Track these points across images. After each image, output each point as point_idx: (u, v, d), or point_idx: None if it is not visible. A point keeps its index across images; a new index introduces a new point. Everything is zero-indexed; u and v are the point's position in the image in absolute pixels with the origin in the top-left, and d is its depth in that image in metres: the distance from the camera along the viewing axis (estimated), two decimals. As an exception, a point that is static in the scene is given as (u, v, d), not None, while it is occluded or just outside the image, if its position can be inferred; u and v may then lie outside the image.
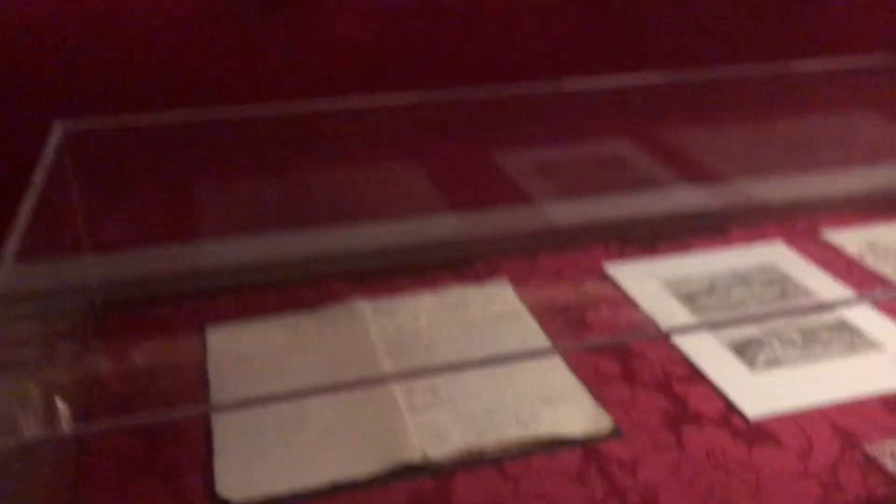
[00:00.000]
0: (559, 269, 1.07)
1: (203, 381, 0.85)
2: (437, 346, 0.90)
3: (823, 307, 0.99)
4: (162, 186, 0.96)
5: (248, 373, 0.86)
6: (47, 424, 0.71)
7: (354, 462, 0.74)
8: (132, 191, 0.95)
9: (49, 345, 0.81)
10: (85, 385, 0.84)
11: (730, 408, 0.82)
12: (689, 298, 1.00)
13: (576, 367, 0.87)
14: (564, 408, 0.80)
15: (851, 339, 0.92)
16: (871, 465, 0.75)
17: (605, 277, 1.05)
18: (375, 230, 1.07)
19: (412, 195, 1.08)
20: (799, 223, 1.18)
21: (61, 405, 0.74)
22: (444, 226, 1.10)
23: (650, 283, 1.03)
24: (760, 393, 0.84)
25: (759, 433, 0.79)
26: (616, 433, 0.78)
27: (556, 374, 0.85)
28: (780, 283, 1.03)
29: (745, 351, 0.90)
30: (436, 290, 1.01)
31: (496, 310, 0.97)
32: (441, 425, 0.78)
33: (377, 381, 0.85)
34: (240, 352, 0.89)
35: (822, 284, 1.03)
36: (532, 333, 0.92)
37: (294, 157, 1.00)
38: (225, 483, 0.71)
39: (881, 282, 1.04)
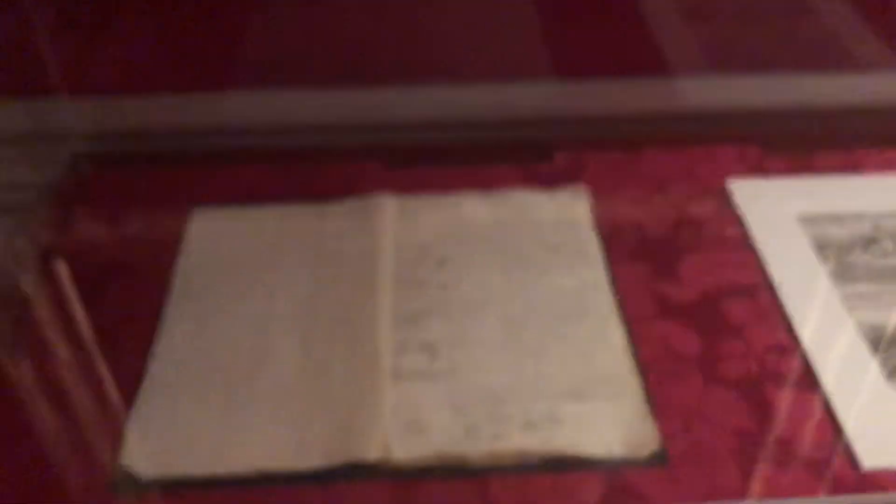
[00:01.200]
0: (666, 177, 0.80)
1: (166, 279, 0.69)
2: (462, 276, 0.69)
3: None
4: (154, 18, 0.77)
5: (221, 278, 0.69)
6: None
7: (299, 448, 0.56)
8: (112, 24, 0.76)
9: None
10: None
11: (838, 443, 0.57)
12: (836, 249, 0.71)
13: (639, 343, 0.64)
14: (598, 408, 0.58)
15: None
16: None
17: (725, 199, 0.77)
18: (428, 95, 0.83)
19: (484, 48, 0.83)
20: None
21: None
22: (523, 98, 0.84)
23: (785, 219, 0.75)
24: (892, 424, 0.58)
25: (872, 486, 0.54)
26: (658, 459, 0.56)
27: (606, 351, 0.63)
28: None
29: (889, 348, 0.63)
30: (490, 189, 0.78)
31: (556, 232, 0.73)
32: (424, 409, 0.58)
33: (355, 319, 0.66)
34: (222, 246, 0.72)
35: None
36: (593, 278, 0.69)
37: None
38: (135, 451, 0.57)
39: None
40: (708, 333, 0.65)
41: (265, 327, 0.65)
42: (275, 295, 0.67)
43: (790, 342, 0.64)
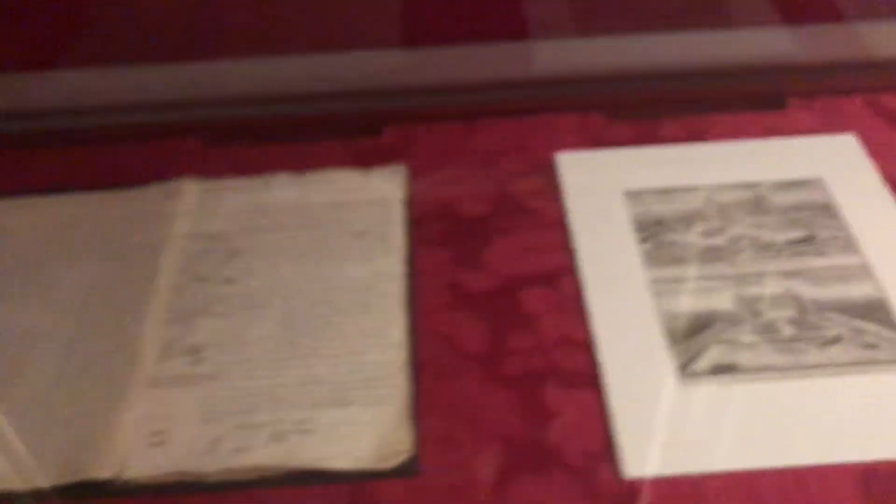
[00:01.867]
0: (497, 151, 0.75)
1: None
2: (252, 268, 0.65)
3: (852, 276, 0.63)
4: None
5: None
6: None
7: (38, 466, 0.53)
8: None
9: None
10: None
11: (607, 448, 0.53)
12: (658, 228, 0.67)
13: (421, 339, 0.59)
14: (356, 414, 0.55)
15: (878, 341, 0.58)
16: None
17: (552, 174, 0.72)
18: (249, 68, 0.78)
19: (307, 17, 0.77)
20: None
21: None
22: (350, 69, 0.79)
23: (610, 195, 0.70)
24: (673, 426, 0.54)
25: (634, 497, 0.51)
26: (407, 470, 0.52)
27: (381, 349, 0.58)
28: (811, 221, 0.66)
29: (688, 340, 0.59)
30: (308, 168, 0.73)
31: (364, 216, 0.68)
32: (172, 419, 0.54)
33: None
34: (4, 241, 0.68)
35: (885, 232, 0.65)
36: (388, 267, 0.64)
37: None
38: None
39: None
40: (498, 326, 0.60)
41: (31, 330, 0.61)
42: (50, 293, 0.64)
43: (584, 335, 0.59)
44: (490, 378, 0.57)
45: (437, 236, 0.67)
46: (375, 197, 0.70)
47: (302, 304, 0.62)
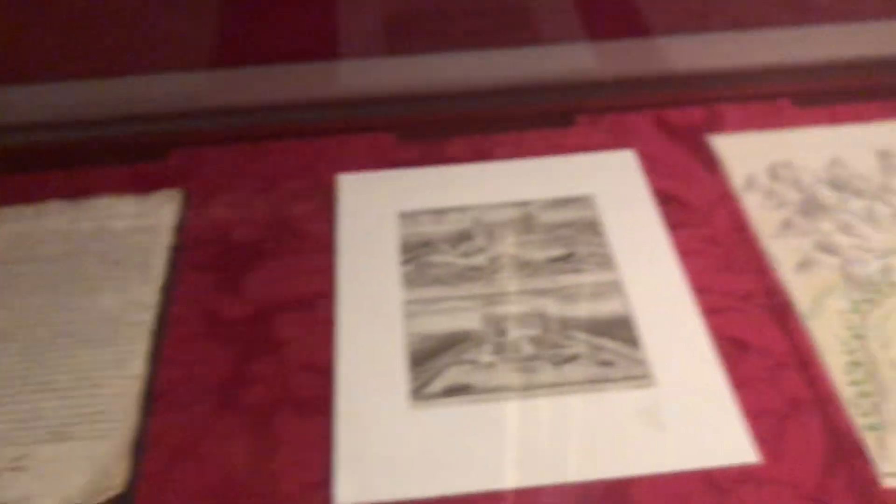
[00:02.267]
0: (282, 174, 0.74)
1: None
2: (3, 299, 0.63)
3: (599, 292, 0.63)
4: None
5: None
6: None
7: None
8: None
9: None
10: None
11: (327, 476, 0.52)
12: (424, 249, 0.67)
13: (162, 370, 0.58)
14: (75, 450, 0.53)
15: (615, 358, 0.58)
16: None
17: (331, 196, 0.72)
18: (40, 92, 0.76)
19: (103, 38, 0.76)
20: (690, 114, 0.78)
21: None
22: (135, 91, 0.77)
23: (384, 216, 0.69)
24: (397, 451, 0.53)
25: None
26: (119, 506, 0.51)
27: (117, 381, 0.57)
28: (574, 238, 0.67)
29: (428, 362, 0.59)
30: (81, 195, 0.71)
31: (126, 244, 0.67)
32: None
33: None
34: None
35: (643, 249, 0.66)
36: (141, 296, 0.63)
37: None
38: None
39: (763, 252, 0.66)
40: (244, 355, 0.60)
41: None
42: None
43: (328, 361, 0.59)
44: (224, 408, 0.56)
45: (203, 263, 0.66)
46: (145, 224, 0.69)
47: (45, 336, 0.60)
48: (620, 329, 0.60)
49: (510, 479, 0.52)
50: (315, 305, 0.63)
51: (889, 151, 0.72)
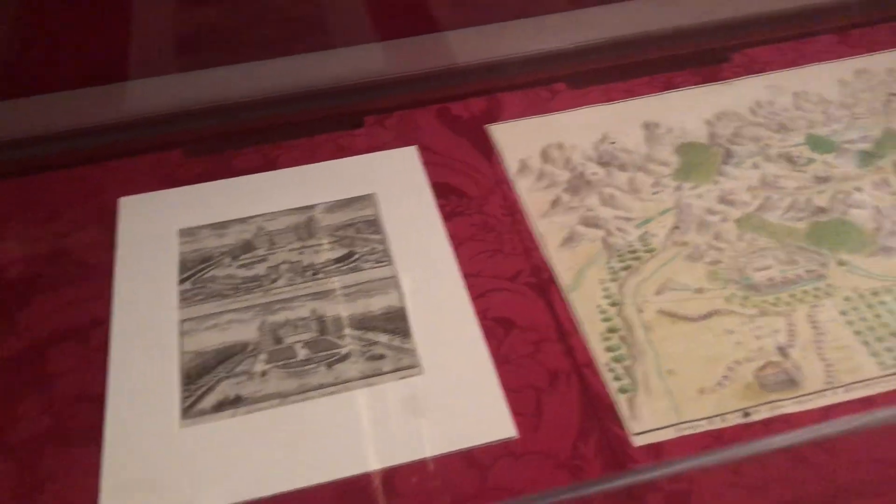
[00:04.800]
0: (64, 202, 0.73)
1: None
2: None
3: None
4: None
5: None
6: None
7: None
8: None
9: None
10: None
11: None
12: (204, 264, 0.67)
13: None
14: None
15: (386, 351, 0.60)
16: None
17: (111, 221, 0.71)
18: None
19: None
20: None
21: None
22: None
23: (163, 236, 0.69)
24: (165, 472, 0.54)
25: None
26: None
27: None
28: (355, 238, 0.68)
29: (200, 378, 0.59)
30: None
31: None
32: None
33: None
34: None
35: (419, 241, 0.68)
36: None
37: None
38: None
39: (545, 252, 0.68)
40: (14, 392, 0.59)
41: None
42: None
43: (102, 390, 0.58)
44: (-17, 449, 0.55)
45: (-26, 303, 0.65)
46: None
47: None
48: (394, 322, 0.61)
49: (276, 485, 0.52)
50: (90, 335, 0.62)
51: (653, 122, 0.76)
